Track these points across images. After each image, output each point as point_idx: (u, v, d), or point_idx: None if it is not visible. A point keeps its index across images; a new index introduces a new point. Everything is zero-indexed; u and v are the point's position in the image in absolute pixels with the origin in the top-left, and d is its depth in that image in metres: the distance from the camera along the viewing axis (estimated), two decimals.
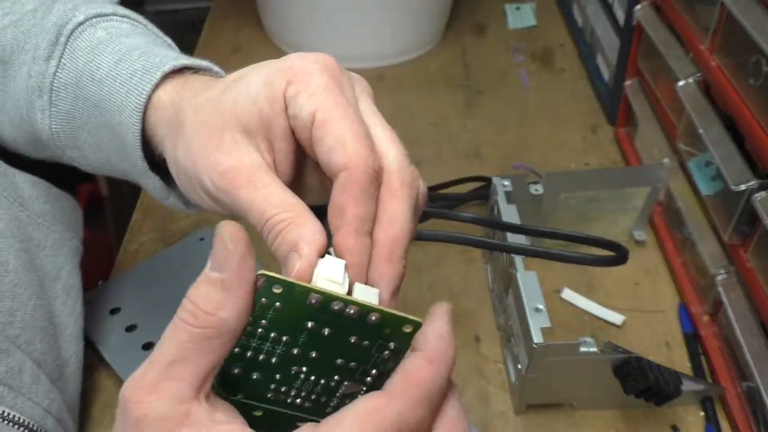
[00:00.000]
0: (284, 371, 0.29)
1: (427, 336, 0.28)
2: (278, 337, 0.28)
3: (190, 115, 0.34)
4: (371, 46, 0.87)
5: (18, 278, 0.41)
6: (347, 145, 0.30)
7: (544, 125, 0.78)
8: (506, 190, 0.58)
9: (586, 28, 0.86)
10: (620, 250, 0.45)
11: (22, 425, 0.39)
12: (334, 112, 0.30)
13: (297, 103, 0.31)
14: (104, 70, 0.39)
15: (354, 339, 0.28)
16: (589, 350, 0.47)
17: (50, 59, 0.41)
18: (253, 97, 0.32)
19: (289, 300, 0.27)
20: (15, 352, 0.40)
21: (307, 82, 0.31)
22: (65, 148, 0.43)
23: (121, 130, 0.38)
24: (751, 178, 0.47)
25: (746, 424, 0.49)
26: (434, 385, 0.27)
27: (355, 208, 0.29)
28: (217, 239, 0.26)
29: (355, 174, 0.29)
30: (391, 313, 0.28)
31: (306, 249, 0.29)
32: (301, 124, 0.31)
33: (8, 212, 0.43)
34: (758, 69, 0.47)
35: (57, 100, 0.41)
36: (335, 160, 0.30)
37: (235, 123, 0.32)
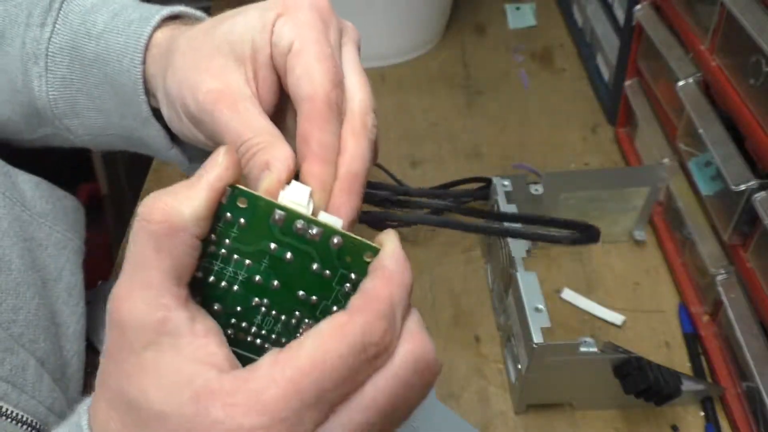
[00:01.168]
0: (245, 303, 0.29)
1: (383, 259, 0.28)
2: (240, 261, 0.28)
3: (183, 43, 0.36)
4: (371, 46, 0.87)
5: (21, 277, 0.41)
6: (314, 76, 0.31)
7: (544, 125, 0.78)
8: (506, 190, 0.58)
9: (586, 28, 0.86)
10: (590, 229, 0.47)
11: (25, 423, 0.39)
12: (310, 45, 0.32)
13: (281, 32, 0.33)
14: (100, 26, 0.40)
15: (315, 266, 0.28)
16: (589, 350, 0.47)
17: (44, 25, 0.41)
18: (248, 26, 0.33)
19: (253, 217, 0.27)
20: (19, 351, 0.40)
21: (294, 15, 0.33)
22: (63, 117, 0.43)
23: (122, 78, 0.39)
24: (751, 178, 0.47)
25: (746, 424, 0.49)
26: (393, 301, 0.27)
27: (319, 136, 0.31)
28: (212, 155, 0.27)
29: (318, 104, 0.31)
30: (352, 237, 0.28)
31: (277, 166, 0.30)
32: (278, 51, 0.33)
33: (10, 212, 0.43)
34: (758, 69, 0.47)
35: (53, 66, 0.41)
36: (302, 89, 0.31)
37: (227, 49, 0.33)
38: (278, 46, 0.33)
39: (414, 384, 0.27)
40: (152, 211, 0.26)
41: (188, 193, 0.26)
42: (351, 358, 0.25)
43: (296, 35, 0.32)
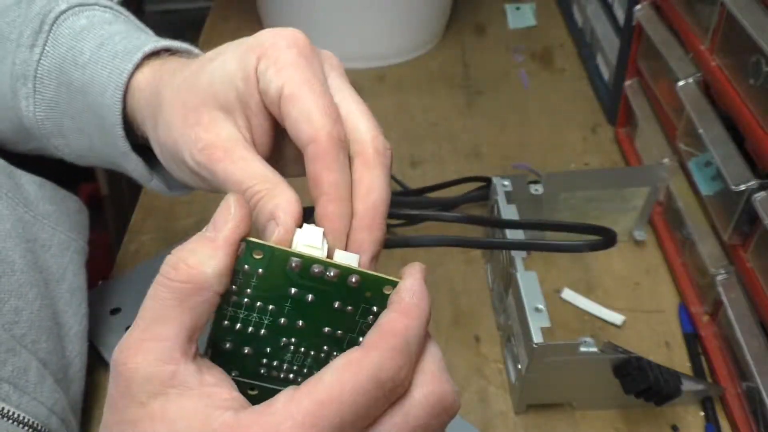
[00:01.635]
0: (274, 344, 0.30)
1: (400, 293, 0.29)
2: (264, 307, 0.29)
3: (169, 95, 0.35)
4: (371, 46, 0.87)
5: (24, 278, 0.41)
6: (312, 118, 0.31)
7: (544, 125, 0.78)
8: (506, 190, 0.58)
9: (586, 28, 0.86)
10: (608, 233, 0.46)
11: (26, 424, 0.39)
12: (301, 87, 0.31)
13: (266, 78, 0.32)
14: (86, 55, 0.40)
15: (337, 304, 0.29)
16: (589, 350, 0.47)
17: (34, 47, 0.42)
18: (229, 75, 0.33)
19: (271, 266, 0.28)
20: (21, 352, 0.40)
21: (275, 58, 0.32)
22: (50, 137, 0.44)
23: (103, 111, 0.40)
24: (751, 178, 0.47)
25: (746, 424, 0.49)
26: (409, 335, 0.27)
27: (329, 176, 0.31)
28: (222, 204, 0.28)
29: (322, 145, 0.30)
30: (369, 274, 0.29)
31: (283, 216, 0.30)
32: (269, 99, 0.32)
33: (13, 213, 0.43)
34: (758, 69, 0.47)
35: (41, 87, 0.42)
36: (302, 133, 0.31)
37: (213, 101, 0.33)
38: (268, 94, 0.32)
39: (430, 425, 0.27)
40: (177, 271, 0.26)
41: (209, 252, 0.27)
42: (367, 393, 0.25)
43: (283, 80, 0.31)
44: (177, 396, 0.26)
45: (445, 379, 0.28)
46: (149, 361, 0.26)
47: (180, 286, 0.26)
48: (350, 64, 0.87)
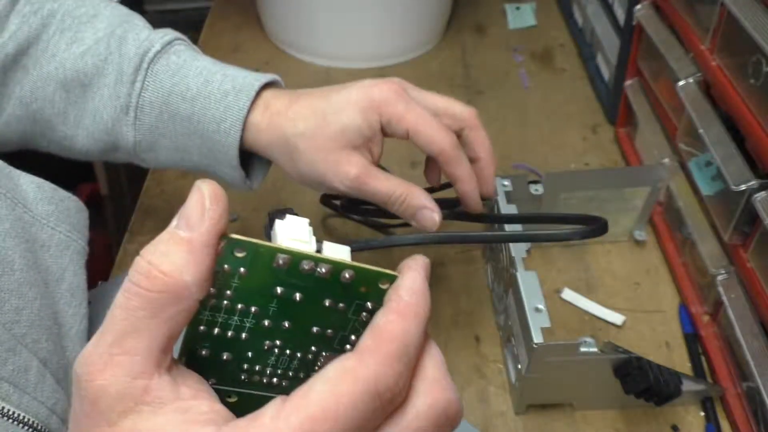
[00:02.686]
0: (256, 348, 0.27)
1: (399, 290, 0.26)
2: (246, 309, 0.26)
3: (301, 141, 0.48)
4: (371, 46, 0.87)
5: (23, 277, 0.41)
6: (435, 139, 0.47)
7: (544, 125, 0.78)
8: (506, 190, 0.58)
9: (586, 28, 0.86)
10: (598, 221, 0.46)
11: (26, 424, 0.39)
12: (418, 124, 0.47)
13: (392, 127, 0.47)
14: (194, 90, 0.50)
15: (329, 302, 0.27)
16: (589, 350, 0.47)
17: (135, 82, 0.50)
18: (358, 127, 0.47)
19: (254, 264, 0.25)
20: (21, 351, 0.40)
21: (393, 111, 0.47)
22: (141, 152, 0.53)
23: (216, 137, 0.50)
24: (752, 178, 0.47)
25: (746, 424, 0.49)
26: (407, 340, 0.25)
27: (460, 169, 0.48)
28: (194, 196, 0.25)
29: (447, 152, 0.47)
30: (365, 268, 0.26)
31: (433, 205, 0.48)
32: (401, 136, 0.48)
33: (12, 213, 0.43)
34: (758, 69, 0.47)
35: (142, 116, 0.51)
36: (432, 151, 0.47)
37: (347, 144, 0.47)
38: (397, 134, 0.47)
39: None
40: (150, 279, 0.24)
41: (185, 256, 0.24)
42: (364, 405, 0.23)
43: (406, 125, 0.46)
44: (150, 413, 0.24)
45: (448, 386, 0.26)
46: (119, 378, 0.24)
47: (154, 296, 0.24)
48: (350, 64, 0.88)
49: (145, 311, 0.24)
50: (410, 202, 0.48)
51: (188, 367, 0.26)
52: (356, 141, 0.47)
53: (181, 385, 0.25)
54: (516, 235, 0.53)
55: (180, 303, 0.24)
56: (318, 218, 0.66)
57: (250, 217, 0.67)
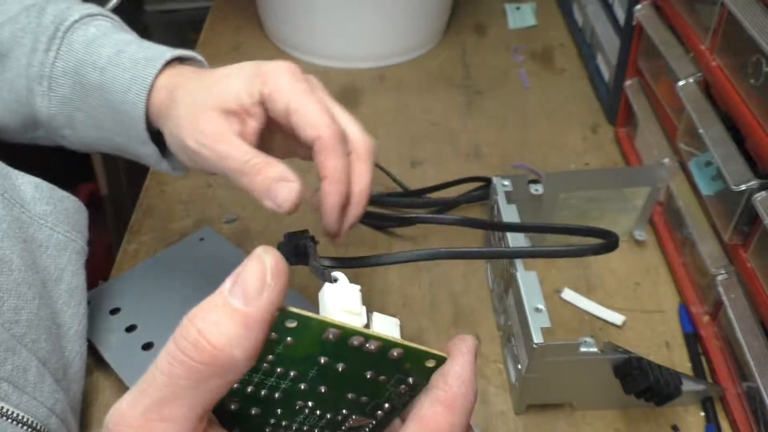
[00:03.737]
0: (287, 406, 0.27)
1: (448, 377, 0.26)
2: (285, 372, 0.26)
3: (183, 95, 0.44)
4: (371, 46, 0.87)
5: (22, 277, 0.41)
6: (315, 121, 0.41)
7: (544, 125, 0.78)
8: (506, 190, 0.58)
9: (586, 28, 0.86)
10: (610, 236, 0.46)
11: (26, 424, 0.39)
12: (301, 100, 0.41)
13: (273, 101, 0.42)
14: (104, 59, 0.47)
15: (370, 374, 0.26)
16: (589, 350, 0.47)
17: (49, 51, 0.48)
18: (236, 90, 0.43)
19: (303, 335, 0.24)
20: (21, 351, 0.40)
21: (277, 83, 0.42)
22: (59, 128, 0.50)
23: (125, 107, 0.47)
24: (752, 178, 0.47)
25: (746, 425, 0.49)
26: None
27: (332, 162, 0.41)
28: (254, 265, 0.23)
29: (325, 140, 0.41)
30: (414, 348, 0.26)
31: (292, 176, 0.40)
32: (279, 115, 0.42)
33: (10, 213, 0.43)
34: (758, 69, 0.47)
35: (56, 86, 0.48)
36: (309, 134, 0.41)
37: (219, 106, 0.42)
38: (276, 110, 0.42)
39: None
40: (198, 350, 0.22)
41: (239, 330, 0.22)
42: None
43: (287, 98, 0.41)
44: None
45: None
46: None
47: (200, 368, 0.22)
48: (350, 64, 0.88)
49: (188, 381, 0.23)
50: (267, 172, 0.40)
51: (215, 415, 0.26)
52: (230, 104, 0.42)
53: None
54: (524, 250, 0.51)
55: (225, 377, 0.23)
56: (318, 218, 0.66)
57: (250, 217, 0.67)
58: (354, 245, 0.65)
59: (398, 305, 0.59)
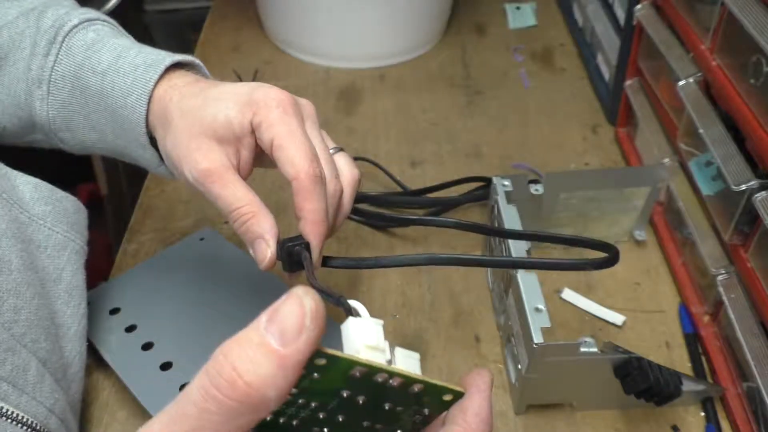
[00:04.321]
0: (304, 431, 0.28)
1: (467, 414, 0.27)
2: (307, 403, 0.26)
3: (177, 116, 0.44)
4: (371, 46, 0.87)
5: (21, 277, 0.41)
6: (294, 162, 0.40)
7: (544, 125, 0.78)
8: (506, 190, 0.57)
9: (587, 27, 0.86)
10: (611, 250, 0.45)
11: (25, 424, 0.39)
12: (285, 139, 0.41)
13: (260, 132, 0.42)
14: (104, 64, 0.47)
15: (389, 405, 0.27)
16: (589, 350, 0.47)
17: (48, 55, 0.48)
18: (229, 119, 0.42)
19: (329, 371, 0.25)
20: (21, 351, 0.40)
21: (266, 115, 0.42)
22: (58, 131, 0.50)
23: (124, 112, 0.46)
24: (752, 178, 0.47)
25: (747, 425, 0.49)
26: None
27: (307, 205, 0.41)
28: (294, 307, 0.23)
29: (302, 182, 0.40)
30: (434, 384, 0.27)
31: (271, 240, 0.41)
32: (264, 146, 0.42)
33: (8, 214, 0.43)
34: (759, 69, 0.47)
35: (55, 90, 0.48)
36: (288, 172, 0.41)
37: (212, 134, 0.42)
38: (263, 142, 0.42)
39: None
40: (233, 388, 0.22)
41: (274, 371, 0.22)
42: None
43: (273, 134, 0.41)
44: None
45: None
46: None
47: (233, 405, 0.22)
48: (350, 64, 0.88)
49: (220, 417, 0.23)
50: (251, 226, 0.41)
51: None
52: (223, 134, 0.42)
53: None
54: (524, 261, 0.51)
55: (256, 414, 0.23)
56: None
57: None
58: (354, 245, 0.65)
59: (398, 305, 0.59)
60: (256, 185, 0.45)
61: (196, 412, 0.23)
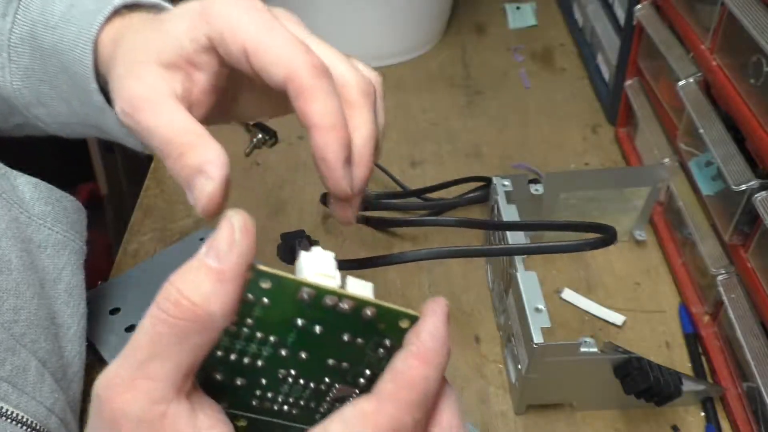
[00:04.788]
0: (270, 375, 0.28)
1: (421, 333, 0.26)
2: (265, 338, 0.27)
3: (123, 50, 0.35)
4: (371, 46, 0.87)
5: (21, 277, 0.41)
6: (282, 56, 0.30)
7: (544, 125, 0.78)
8: (506, 190, 0.57)
9: (587, 27, 0.86)
10: (607, 230, 0.45)
11: (25, 424, 0.39)
12: (260, 36, 0.31)
13: (225, 46, 0.31)
14: (57, 16, 0.40)
15: (347, 337, 0.27)
16: (589, 350, 0.47)
17: (6, 16, 0.41)
18: (176, 35, 0.33)
19: (278, 296, 0.26)
20: (20, 351, 0.40)
21: (227, 20, 0.31)
22: (29, 107, 0.44)
23: (75, 67, 0.39)
24: (752, 178, 0.47)
25: (747, 425, 0.49)
26: (427, 386, 0.25)
27: (317, 104, 0.30)
28: (223, 226, 0.25)
29: (299, 78, 0.30)
30: (387, 307, 0.27)
31: (214, 171, 0.30)
32: (236, 61, 0.32)
33: (8, 214, 0.43)
34: (759, 69, 0.47)
35: (16, 56, 0.42)
36: (277, 76, 0.30)
37: (155, 58, 0.33)
38: (232, 56, 0.32)
39: None
40: (178, 308, 0.24)
41: (215, 287, 0.24)
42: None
43: (242, 38, 0.31)
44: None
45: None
46: (139, 402, 0.24)
47: (181, 324, 0.24)
48: None
49: (171, 338, 0.24)
50: (186, 159, 0.30)
51: (202, 389, 0.27)
52: (170, 56, 0.33)
53: (199, 413, 0.25)
54: (522, 247, 0.51)
55: (205, 333, 0.24)
56: (318, 218, 0.66)
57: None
58: (353, 245, 0.65)
59: (398, 305, 0.59)
60: (256, 185, 0.44)
61: (149, 340, 0.24)
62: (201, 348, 0.24)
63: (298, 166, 0.72)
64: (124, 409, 0.24)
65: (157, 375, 0.24)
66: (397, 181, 0.69)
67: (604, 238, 0.45)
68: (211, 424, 0.25)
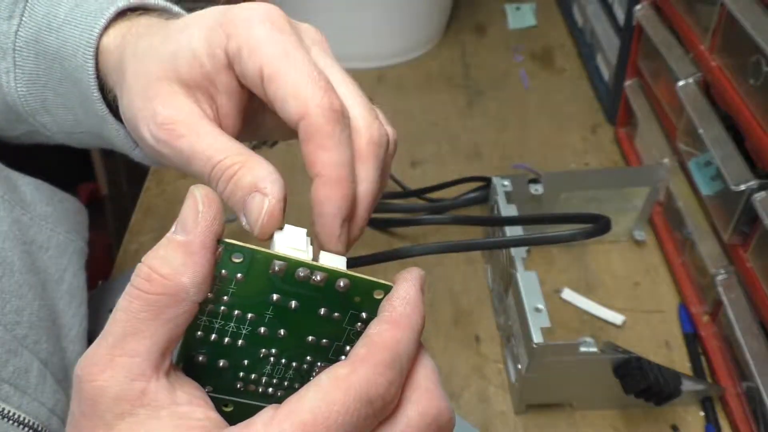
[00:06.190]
0: (252, 355, 0.28)
1: (392, 300, 0.26)
2: (243, 315, 0.27)
3: (132, 63, 0.33)
4: (371, 46, 0.87)
5: (23, 278, 0.41)
6: (299, 92, 0.28)
7: (544, 125, 0.78)
8: (506, 190, 0.58)
9: (586, 28, 0.86)
10: (601, 219, 0.46)
11: (27, 426, 0.39)
12: (280, 62, 0.29)
13: (242, 62, 0.29)
14: (61, 17, 0.38)
15: (324, 311, 0.27)
16: (589, 350, 0.47)
17: (12, 18, 0.39)
18: (194, 51, 0.31)
19: (251, 270, 0.26)
20: (23, 352, 0.40)
21: (247, 36, 0.29)
22: (35, 114, 0.42)
23: (78, 74, 0.37)
24: (751, 178, 0.47)
25: (746, 424, 0.49)
26: (400, 348, 0.25)
27: (322, 155, 0.28)
28: (188, 201, 0.25)
29: (314, 120, 0.28)
30: (360, 278, 0.27)
31: (270, 187, 0.28)
32: (251, 83, 0.30)
33: (10, 215, 0.43)
34: (758, 69, 0.47)
35: (21, 60, 0.40)
36: (291, 111, 0.28)
37: (174, 76, 0.31)
38: (247, 77, 0.30)
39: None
40: (150, 283, 0.24)
41: (183, 259, 0.24)
42: (355, 413, 0.23)
43: (260, 60, 0.29)
44: (146, 417, 0.24)
45: (440, 396, 0.26)
46: (118, 379, 0.24)
47: (155, 298, 0.24)
48: (350, 64, 0.87)
49: (146, 313, 0.24)
50: (240, 178, 0.29)
51: (186, 374, 0.27)
52: (189, 73, 0.31)
53: (178, 390, 0.25)
54: (519, 239, 0.51)
55: (179, 305, 0.25)
56: None
57: None
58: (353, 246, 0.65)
59: None
60: None
61: (125, 316, 0.24)
62: (176, 322, 0.25)
63: (297, 167, 0.72)
64: (104, 387, 0.24)
65: (134, 351, 0.24)
66: (398, 181, 0.69)
67: (598, 226, 0.46)
68: (189, 400, 0.25)
